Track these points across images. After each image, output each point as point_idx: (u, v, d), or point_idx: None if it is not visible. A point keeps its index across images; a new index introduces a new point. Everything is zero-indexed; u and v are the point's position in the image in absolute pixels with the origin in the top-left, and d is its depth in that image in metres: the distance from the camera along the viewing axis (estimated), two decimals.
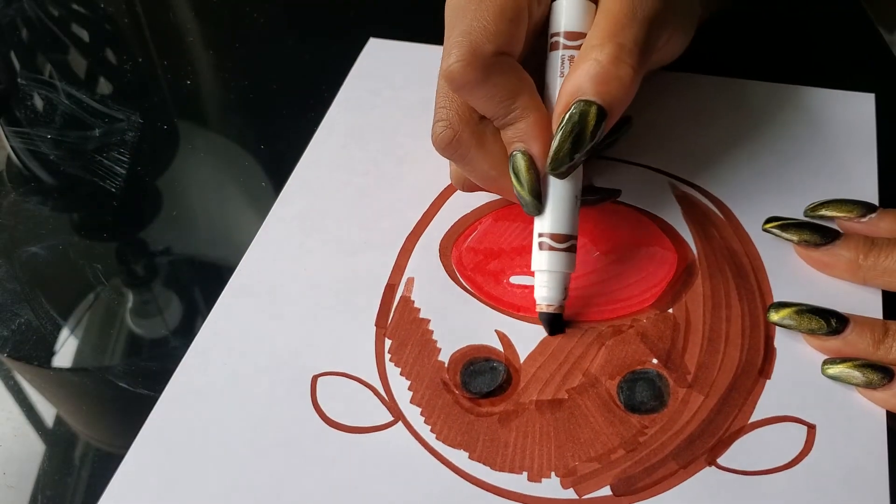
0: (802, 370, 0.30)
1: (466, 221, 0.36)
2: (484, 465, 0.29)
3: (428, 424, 0.30)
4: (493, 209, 0.36)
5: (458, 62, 0.29)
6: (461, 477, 0.28)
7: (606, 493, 0.28)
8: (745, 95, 0.40)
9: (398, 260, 0.35)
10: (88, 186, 0.41)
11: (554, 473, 0.28)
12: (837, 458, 0.28)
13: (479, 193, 0.36)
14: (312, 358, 0.32)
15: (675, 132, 0.38)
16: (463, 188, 0.35)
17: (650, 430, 0.29)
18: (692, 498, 0.27)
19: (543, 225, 0.31)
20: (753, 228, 0.34)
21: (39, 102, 0.46)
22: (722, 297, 0.32)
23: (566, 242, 0.31)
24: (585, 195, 0.34)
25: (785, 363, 0.30)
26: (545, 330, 0.32)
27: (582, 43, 0.30)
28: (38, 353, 0.34)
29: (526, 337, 0.32)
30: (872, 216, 0.32)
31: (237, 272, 0.35)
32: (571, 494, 0.28)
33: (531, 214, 0.31)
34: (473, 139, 0.31)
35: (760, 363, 0.30)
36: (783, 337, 0.31)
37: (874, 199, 0.35)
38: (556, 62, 0.31)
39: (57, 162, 0.42)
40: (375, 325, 0.33)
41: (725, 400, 0.29)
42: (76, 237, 0.39)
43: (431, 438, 0.29)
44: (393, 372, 0.31)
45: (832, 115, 0.38)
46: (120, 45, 0.50)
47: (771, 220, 0.34)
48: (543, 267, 0.31)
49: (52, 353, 0.34)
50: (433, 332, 0.32)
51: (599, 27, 0.29)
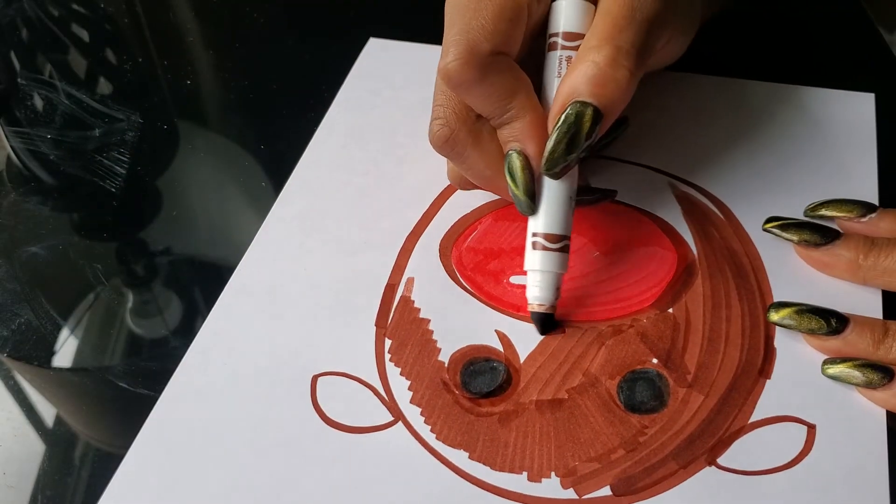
0: (802, 370, 0.30)
1: (466, 221, 0.36)
2: (484, 465, 0.29)
3: (428, 424, 0.30)
4: (493, 209, 0.36)
5: (455, 61, 0.29)
6: (461, 477, 0.28)
7: (606, 493, 0.28)
8: (745, 95, 0.40)
9: (398, 260, 0.35)
10: (88, 186, 0.41)
11: (554, 473, 0.28)
12: (837, 458, 0.28)
13: (478, 193, 0.36)
14: (312, 358, 0.32)
15: (675, 132, 0.38)
16: (460, 186, 0.35)
17: (650, 430, 0.29)
18: (692, 498, 0.27)
19: (537, 225, 0.31)
20: (753, 228, 0.34)
21: (39, 102, 0.46)
22: (722, 297, 0.32)
23: (559, 243, 0.31)
24: (582, 195, 0.34)
25: (785, 363, 0.30)
26: (537, 329, 0.32)
27: (580, 44, 0.30)
28: (38, 353, 0.34)
29: (526, 337, 0.32)
30: (872, 216, 0.32)
31: (237, 272, 0.35)
32: (571, 494, 0.28)
33: (525, 214, 0.31)
34: (470, 138, 0.31)
35: (760, 363, 0.30)
36: (783, 337, 0.31)
37: (874, 199, 0.35)
38: (553, 62, 0.31)
39: (57, 162, 0.42)
40: (375, 325, 0.33)
41: (725, 400, 0.29)
42: (76, 237, 0.39)
43: (431, 438, 0.29)
44: (393, 372, 0.31)
45: (832, 115, 0.38)
46: (120, 45, 0.50)
47: (771, 220, 0.34)
48: (536, 267, 0.31)
49: (52, 353, 0.34)
50: (433, 332, 0.32)
51: (598, 29, 0.29)
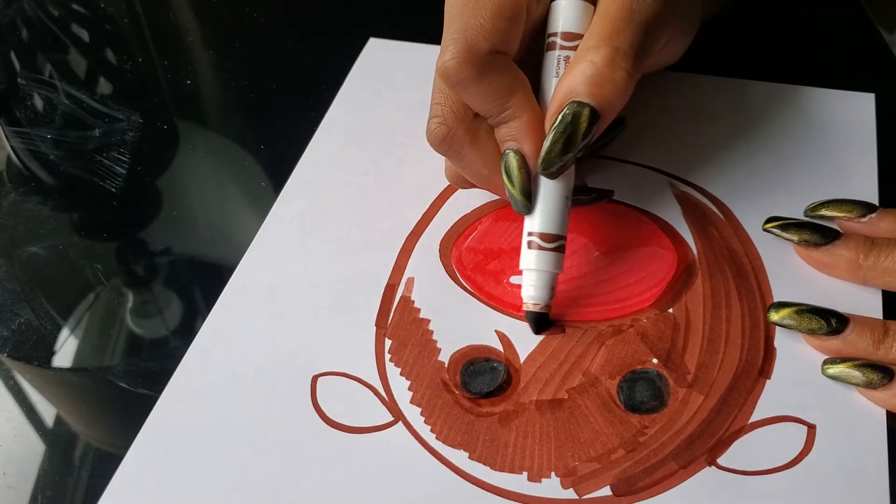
0: (802, 370, 0.30)
1: (466, 221, 0.36)
2: (484, 465, 0.29)
3: (428, 424, 0.30)
4: (493, 209, 0.36)
5: (453, 59, 0.29)
6: (461, 477, 0.28)
7: (606, 493, 0.28)
8: (745, 95, 0.40)
9: (398, 260, 0.35)
10: (88, 186, 0.41)
11: (554, 473, 0.28)
12: (837, 458, 0.28)
13: (478, 193, 0.36)
14: (312, 358, 0.32)
15: (674, 132, 0.38)
16: (457, 184, 0.35)
17: (650, 430, 0.29)
18: (692, 498, 0.27)
19: (533, 224, 0.31)
20: (753, 228, 0.34)
21: (39, 102, 0.46)
22: (722, 297, 0.32)
23: (555, 242, 0.31)
24: (579, 195, 0.34)
25: (785, 363, 0.30)
26: (531, 328, 0.32)
27: (578, 44, 0.30)
28: (38, 353, 0.34)
29: (526, 337, 0.32)
30: (872, 216, 0.32)
31: (237, 272, 0.35)
32: (571, 494, 0.28)
33: (521, 213, 0.32)
34: (467, 136, 0.31)
35: (760, 363, 0.30)
36: (783, 337, 0.31)
37: (874, 199, 0.35)
38: (552, 62, 0.31)
39: (57, 162, 0.42)
40: (375, 325, 0.33)
41: (725, 400, 0.29)
42: (76, 237, 0.39)
43: (431, 438, 0.29)
44: (393, 372, 0.31)
45: (832, 115, 0.38)
46: (120, 45, 0.50)
47: (771, 220, 0.34)
48: (531, 266, 0.31)
49: (52, 353, 0.34)
50: (433, 332, 0.32)
51: (596, 29, 0.29)
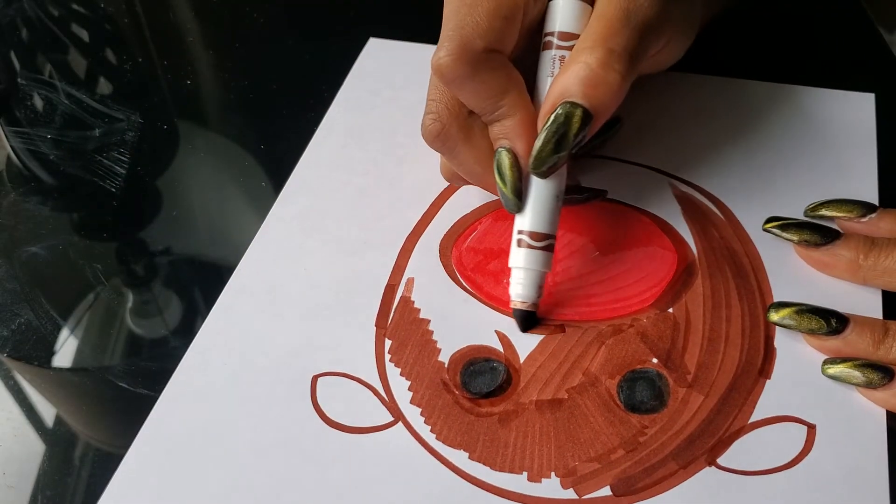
0: (802, 370, 0.30)
1: (466, 221, 0.36)
2: (484, 465, 0.29)
3: (428, 425, 0.30)
4: (493, 209, 0.36)
5: (447, 56, 0.29)
6: (461, 477, 0.28)
7: (606, 493, 0.28)
8: (745, 95, 0.40)
9: (398, 260, 0.35)
10: (88, 186, 0.41)
11: (554, 473, 0.28)
12: (837, 458, 0.28)
13: (478, 193, 0.36)
14: (312, 358, 0.32)
15: (674, 132, 0.38)
16: (451, 181, 0.35)
17: (650, 430, 0.29)
18: (692, 498, 0.27)
19: (523, 223, 0.31)
20: (753, 228, 0.34)
21: (39, 102, 0.46)
22: (722, 296, 0.32)
23: (544, 241, 0.31)
24: (572, 194, 0.34)
25: (785, 363, 0.30)
26: (518, 326, 0.32)
27: (574, 44, 0.30)
28: (38, 353, 0.34)
29: (526, 337, 0.32)
30: (872, 216, 0.32)
31: (237, 272, 0.35)
32: (571, 494, 0.28)
33: (511, 212, 0.32)
34: (461, 133, 0.31)
35: (760, 363, 0.30)
36: (783, 337, 0.31)
37: (874, 199, 0.35)
38: (547, 62, 0.31)
39: (57, 162, 0.42)
40: (375, 325, 0.33)
41: (725, 400, 0.29)
42: (76, 237, 0.39)
43: (431, 439, 0.29)
44: (393, 372, 0.31)
45: (832, 115, 0.38)
46: (120, 45, 0.50)
47: (771, 220, 0.34)
48: (520, 264, 0.31)
49: (52, 353, 0.34)
50: (433, 332, 0.32)
51: (592, 30, 0.29)
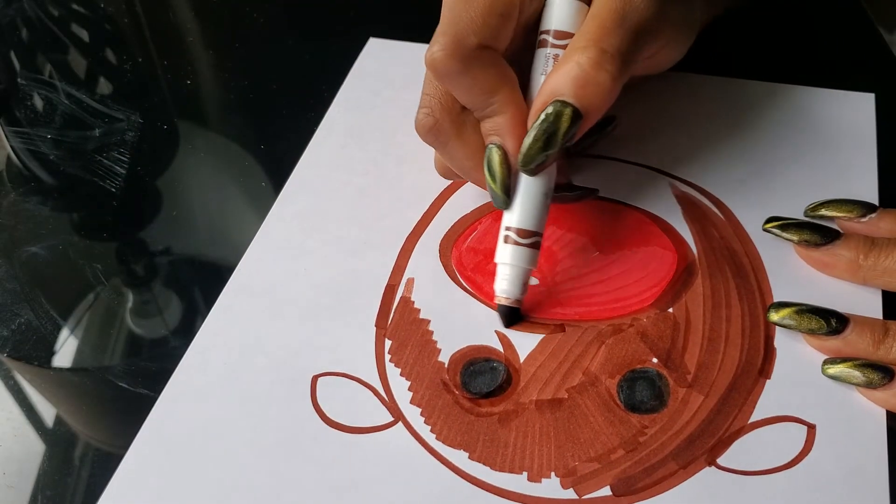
0: (802, 370, 0.30)
1: (466, 221, 0.36)
2: (484, 465, 0.29)
3: (428, 425, 0.30)
4: (492, 209, 0.36)
5: (440, 51, 0.29)
6: (461, 477, 0.28)
7: (606, 493, 0.28)
8: (745, 95, 0.39)
9: (398, 260, 0.35)
10: (88, 186, 0.41)
11: (554, 473, 0.28)
12: (837, 458, 0.28)
13: (477, 194, 0.36)
14: (312, 358, 0.32)
15: (675, 132, 0.38)
16: (445, 175, 0.35)
17: (650, 430, 0.29)
18: (692, 498, 0.27)
19: (511, 219, 0.31)
20: (753, 228, 0.34)
21: (39, 102, 0.46)
22: (722, 296, 0.32)
23: (530, 238, 0.31)
24: (563, 192, 0.35)
25: (785, 363, 0.30)
26: (501, 322, 0.32)
27: (568, 43, 0.30)
28: (38, 353, 0.34)
29: (526, 337, 0.32)
30: (872, 216, 0.32)
31: (237, 272, 0.35)
32: (571, 494, 0.28)
33: (499, 208, 0.32)
34: (453, 128, 0.31)
35: (760, 363, 0.30)
36: (783, 337, 0.31)
37: (874, 199, 0.35)
38: (541, 60, 0.31)
39: (57, 162, 0.42)
40: (375, 325, 0.33)
41: (725, 400, 0.29)
42: (76, 237, 0.39)
43: (431, 439, 0.29)
44: (393, 372, 0.31)
45: (832, 115, 0.38)
46: (120, 45, 0.50)
47: (771, 220, 0.34)
48: (506, 260, 0.31)
49: (52, 353, 0.34)
50: (433, 332, 0.32)
51: (585, 30, 0.29)
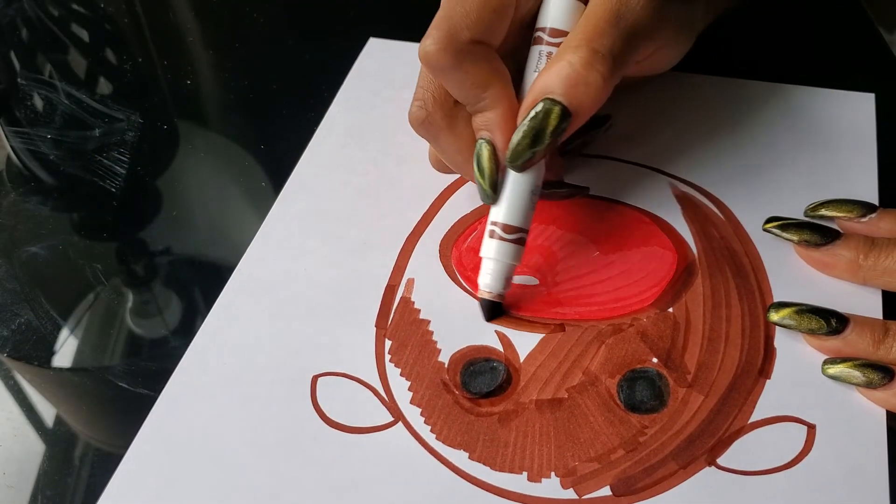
0: (802, 370, 0.30)
1: (466, 222, 0.36)
2: (484, 465, 0.29)
3: (428, 425, 0.30)
4: None
5: (433, 45, 0.29)
6: (461, 477, 0.28)
7: (606, 493, 0.28)
8: (744, 95, 0.39)
9: (398, 260, 0.35)
10: (88, 186, 0.41)
11: (554, 473, 0.28)
12: (837, 458, 0.28)
13: (477, 193, 0.36)
14: (312, 358, 0.32)
15: (674, 132, 0.38)
16: (438, 168, 0.36)
17: (650, 430, 0.29)
18: (692, 498, 0.27)
19: (497, 214, 0.32)
20: (753, 228, 0.34)
21: (39, 102, 0.46)
22: (722, 296, 0.32)
23: (515, 234, 0.31)
24: (553, 189, 0.35)
25: (785, 363, 0.30)
26: (483, 315, 0.32)
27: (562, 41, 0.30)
28: (38, 353, 0.34)
29: (526, 337, 0.32)
30: (872, 216, 0.32)
31: (237, 272, 0.35)
32: (571, 494, 0.28)
33: (485, 202, 0.32)
34: (445, 122, 0.31)
35: (760, 363, 0.30)
36: (783, 337, 0.31)
37: (874, 199, 0.35)
38: (535, 57, 0.31)
39: (57, 162, 0.42)
40: (375, 325, 0.33)
41: (725, 400, 0.29)
42: (76, 237, 0.39)
43: (431, 439, 0.29)
44: (393, 372, 0.31)
45: (832, 115, 0.38)
46: (120, 45, 0.50)
47: (771, 220, 0.34)
48: (490, 255, 0.31)
49: (52, 353, 0.34)
50: (433, 332, 0.32)
51: (579, 29, 0.30)
